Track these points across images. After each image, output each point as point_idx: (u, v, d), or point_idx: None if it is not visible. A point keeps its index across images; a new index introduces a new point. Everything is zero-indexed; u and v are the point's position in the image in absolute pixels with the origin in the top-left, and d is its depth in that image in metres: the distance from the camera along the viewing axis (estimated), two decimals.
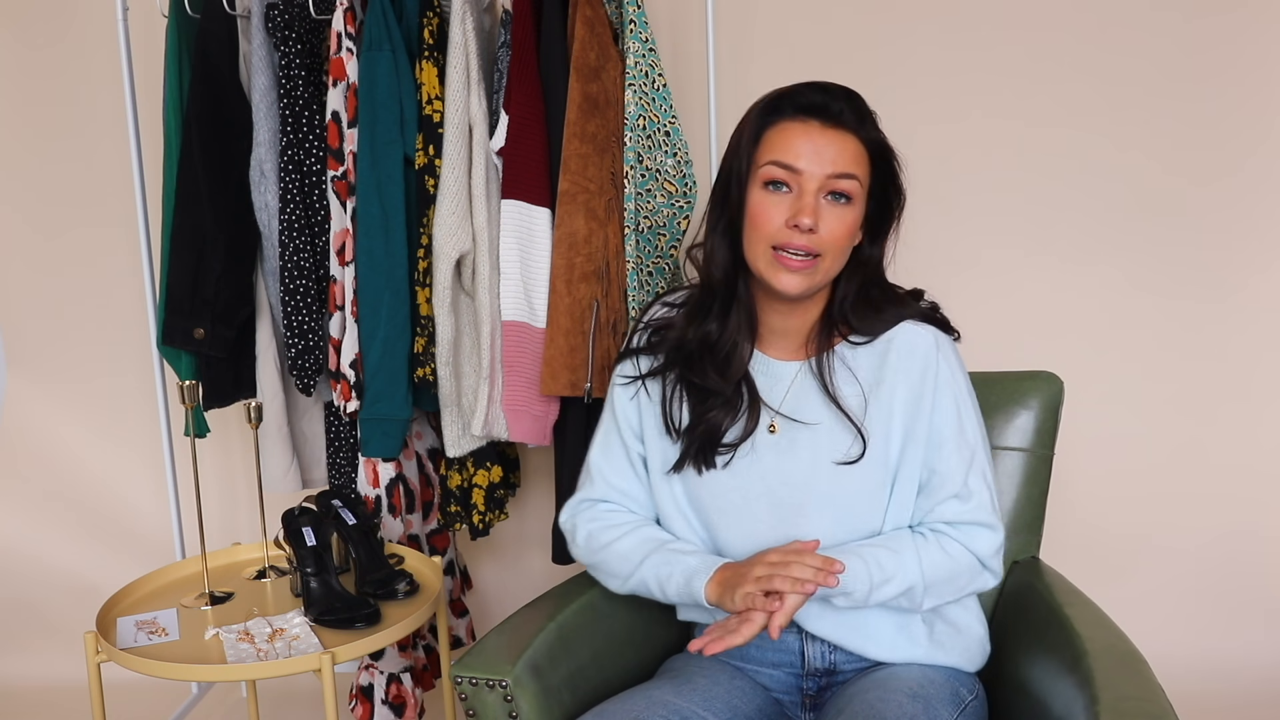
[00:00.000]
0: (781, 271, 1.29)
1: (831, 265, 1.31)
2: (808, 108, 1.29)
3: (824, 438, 1.35)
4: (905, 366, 1.34)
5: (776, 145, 1.29)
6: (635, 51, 1.86)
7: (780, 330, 1.39)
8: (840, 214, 1.29)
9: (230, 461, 2.66)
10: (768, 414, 1.38)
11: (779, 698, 1.43)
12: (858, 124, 1.30)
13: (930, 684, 1.32)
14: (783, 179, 1.28)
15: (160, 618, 1.74)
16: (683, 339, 1.39)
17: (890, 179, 1.34)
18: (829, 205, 1.28)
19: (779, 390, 1.38)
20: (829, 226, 1.28)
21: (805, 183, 1.27)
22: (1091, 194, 2.31)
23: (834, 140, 1.28)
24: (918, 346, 1.35)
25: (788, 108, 1.30)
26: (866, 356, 1.36)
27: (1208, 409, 2.34)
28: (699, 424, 1.37)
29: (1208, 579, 2.37)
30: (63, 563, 2.70)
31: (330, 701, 1.58)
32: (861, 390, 1.35)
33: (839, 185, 1.28)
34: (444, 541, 2.22)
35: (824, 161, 1.27)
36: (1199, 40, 2.23)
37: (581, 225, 1.87)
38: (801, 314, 1.37)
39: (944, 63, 2.30)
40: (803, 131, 1.28)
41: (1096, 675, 1.23)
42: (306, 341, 2.00)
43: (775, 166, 1.28)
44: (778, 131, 1.30)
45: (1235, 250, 2.30)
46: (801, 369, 1.38)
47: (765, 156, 1.29)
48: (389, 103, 1.91)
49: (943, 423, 1.34)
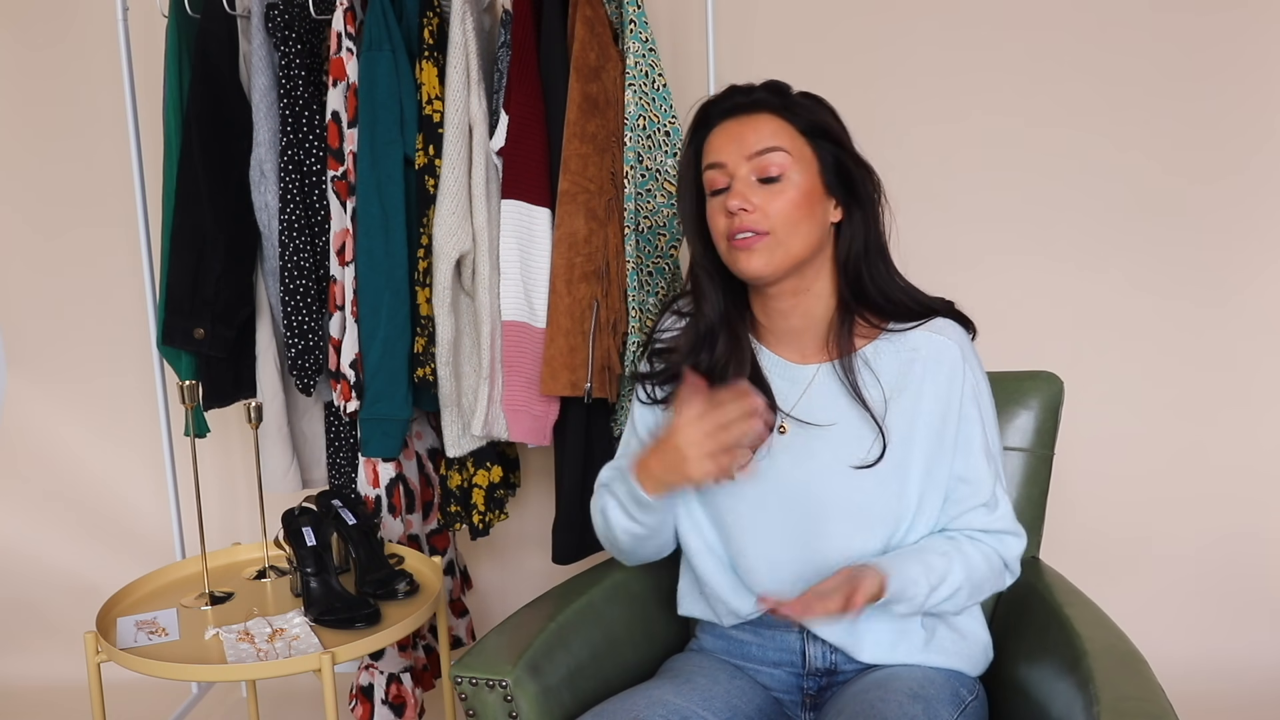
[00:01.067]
0: (739, 254, 1.32)
1: (787, 238, 1.31)
2: (727, 110, 1.35)
3: (840, 441, 1.35)
4: (933, 376, 1.35)
5: (708, 152, 1.35)
6: (635, 51, 1.86)
7: (788, 329, 1.39)
8: (776, 189, 1.31)
9: (230, 461, 2.66)
10: (778, 417, 1.38)
11: (779, 697, 1.43)
12: (778, 105, 1.33)
13: (930, 684, 1.32)
14: (717, 180, 1.33)
15: (160, 618, 1.74)
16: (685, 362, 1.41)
17: (842, 150, 1.35)
18: (761, 186, 1.31)
19: (794, 393, 1.38)
20: (765, 201, 1.31)
21: (734, 170, 1.32)
22: (1092, 194, 2.31)
23: (749, 124, 1.32)
24: (946, 354, 1.35)
25: (712, 115, 1.36)
26: (892, 359, 1.36)
27: (1209, 410, 2.34)
28: None
29: (1208, 580, 2.37)
30: (63, 563, 2.70)
31: (330, 701, 1.58)
32: (884, 393, 1.35)
33: (762, 162, 1.31)
34: (444, 541, 2.22)
35: (743, 146, 1.32)
36: (1199, 39, 2.23)
37: (581, 225, 1.87)
38: (806, 308, 1.38)
39: (944, 62, 2.30)
40: (722, 130, 1.34)
41: (1096, 675, 1.23)
42: (306, 341, 2.00)
43: (709, 170, 1.34)
44: (708, 142, 1.36)
45: (1236, 250, 2.30)
46: (820, 370, 1.38)
47: (703, 166, 1.36)
48: (389, 103, 1.91)
49: (972, 433, 1.35)
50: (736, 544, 1.40)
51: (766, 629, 1.42)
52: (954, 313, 1.40)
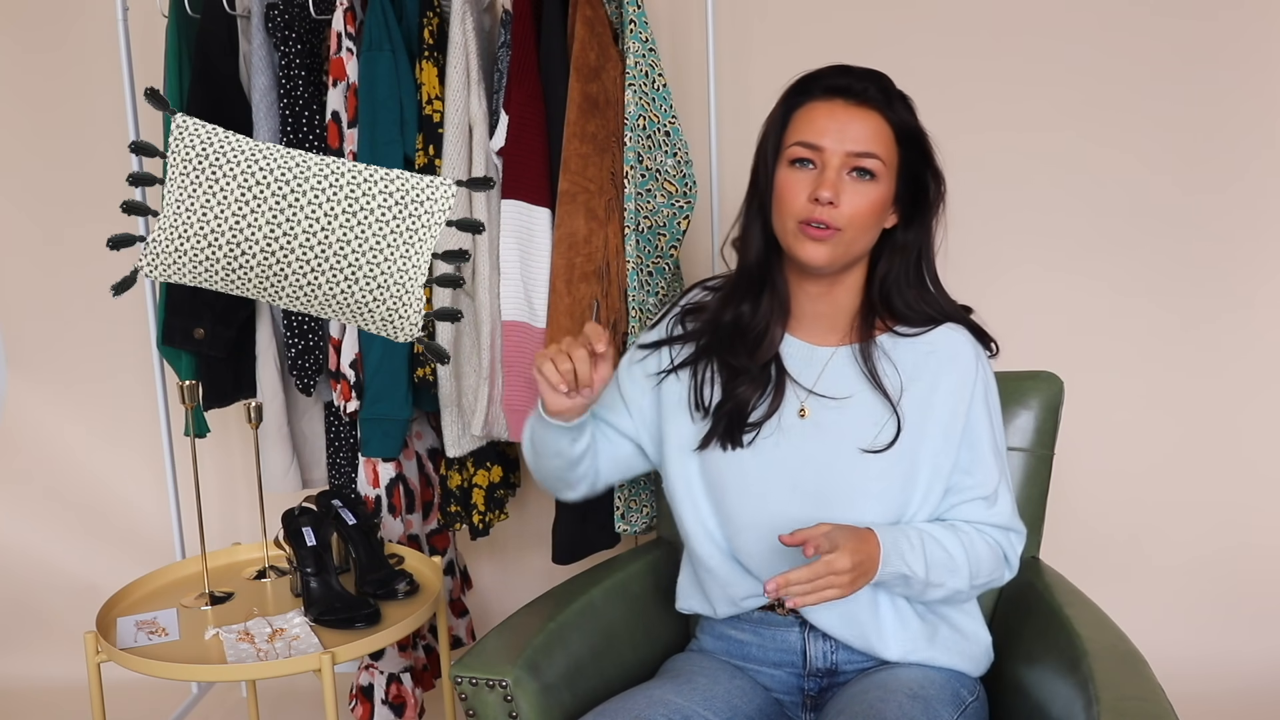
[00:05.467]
0: (806, 242, 1.31)
1: (854, 239, 1.32)
2: (833, 89, 1.33)
3: (853, 422, 1.36)
4: (949, 369, 1.36)
5: (802, 125, 1.33)
6: (635, 51, 1.86)
7: (813, 314, 1.40)
8: (863, 190, 1.31)
9: (230, 461, 2.66)
10: (798, 395, 1.39)
11: (780, 698, 1.43)
12: (884, 103, 1.32)
13: (931, 684, 1.33)
14: (807, 156, 1.32)
15: (160, 618, 1.74)
16: (717, 319, 1.42)
17: (924, 161, 1.36)
18: (852, 181, 1.31)
19: (812, 372, 1.39)
20: (850, 201, 1.30)
21: (828, 159, 1.30)
22: (1094, 195, 2.31)
23: (857, 117, 1.31)
24: (962, 353, 1.37)
25: (815, 89, 1.34)
26: (909, 352, 1.38)
27: (1209, 410, 2.34)
28: (727, 400, 1.39)
29: (1208, 579, 2.37)
30: (63, 563, 2.70)
31: (330, 701, 1.58)
32: (900, 380, 1.36)
33: (861, 163, 1.31)
34: (444, 541, 2.22)
35: (845, 139, 1.30)
36: (1198, 44, 2.23)
37: (581, 225, 1.87)
38: (834, 297, 1.39)
39: (944, 66, 2.30)
40: (827, 111, 1.32)
41: (1097, 675, 1.23)
42: (306, 341, 2.00)
43: (800, 146, 1.32)
44: (804, 112, 1.33)
45: (1236, 252, 2.30)
46: (838, 353, 1.39)
47: (792, 138, 1.33)
48: (389, 103, 1.91)
49: (982, 430, 1.37)
50: (736, 523, 1.40)
51: (767, 629, 1.42)
52: (968, 322, 1.42)
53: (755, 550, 1.38)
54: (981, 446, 1.37)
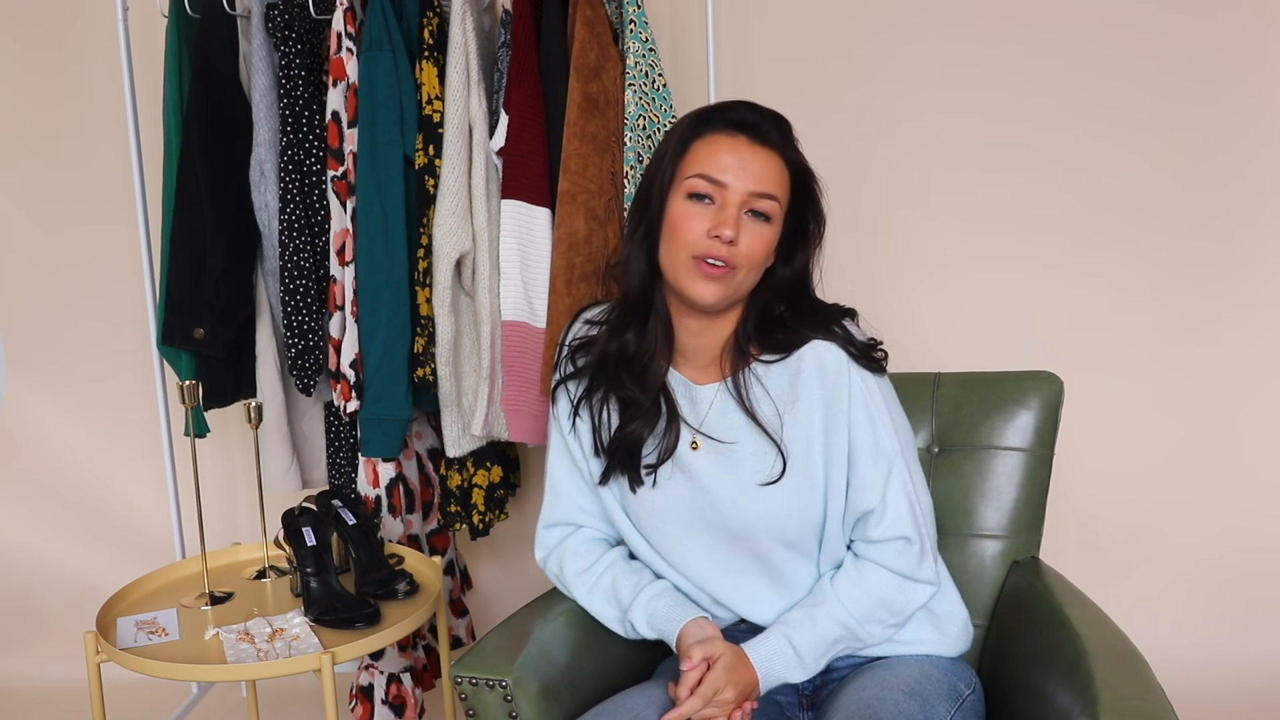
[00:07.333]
0: (700, 279, 1.30)
1: (745, 280, 1.32)
2: (737, 123, 1.31)
3: (745, 459, 1.36)
4: (817, 383, 1.34)
5: (703, 158, 1.31)
6: (635, 51, 1.86)
7: (694, 349, 1.39)
8: (759, 231, 1.31)
9: (230, 461, 2.66)
10: (688, 432, 1.38)
11: (776, 698, 1.43)
12: (782, 144, 1.32)
13: (927, 680, 1.32)
14: (706, 191, 1.30)
15: (160, 618, 1.74)
16: (604, 352, 1.40)
17: (809, 202, 1.36)
18: (749, 221, 1.30)
19: (698, 412, 1.39)
20: (748, 242, 1.30)
21: (729, 196, 1.29)
22: (1094, 194, 2.31)
23: (759, 157, 1.30)
24: (828, 362, 1.34)
25: (717, 121, 1.32)
26: (779, 375, 1.36)
27: (1209, 410, 2.34)
28: (618, 442, 1.39)
29: (1208, 579, 2.37)
30: (63, 563, 2.70)
31: (330, 701, 1.58)
32: (776, 409, 1.35)
33: (760, 204, 1.30)
34: (444, 541, 2.22)
35: (748, 178, 1.29)
36: (1199, 41, 2.23)
37: (581, 225, 1.87)
38: (714, 332, 1.38)
39: (943, 64, 2.30)
40: (730, 146, 1.30)
41: (1096, 675, 1.23)
42: (306, 341, 2.00)
43: (700, 179, 1.30)
44: (705, 144, 1.31)
45: (1237, 252, 2.30)
46: (719, 390, 1.39)
47: (691, 169, 1.31)
48: (389, 103, 1.91)
49: (858, 436, 1.34)
50: (671, 557, 1.42)
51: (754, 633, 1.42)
52: (848, 339, 1.36)
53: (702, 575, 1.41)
54: (861, 452, 1.33)
